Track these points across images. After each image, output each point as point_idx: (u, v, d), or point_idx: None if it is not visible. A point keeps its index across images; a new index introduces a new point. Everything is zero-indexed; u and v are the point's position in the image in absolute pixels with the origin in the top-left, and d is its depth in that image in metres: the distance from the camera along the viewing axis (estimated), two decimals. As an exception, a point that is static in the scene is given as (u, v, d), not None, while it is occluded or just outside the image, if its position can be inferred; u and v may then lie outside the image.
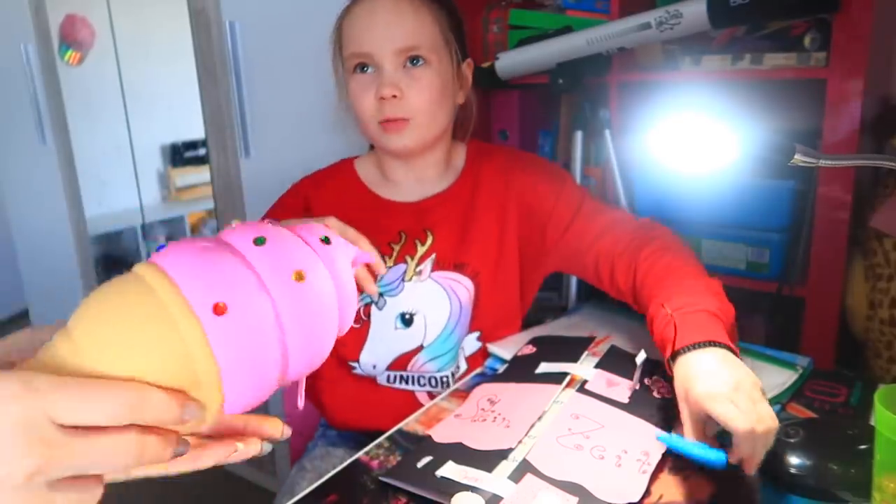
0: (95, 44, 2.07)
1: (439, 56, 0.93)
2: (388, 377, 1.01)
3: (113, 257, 2.43)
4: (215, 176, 1.83)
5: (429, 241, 0.99)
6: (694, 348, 0.70)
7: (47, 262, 2.48)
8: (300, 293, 0.39)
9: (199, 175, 1.97)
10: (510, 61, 1.39)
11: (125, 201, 2.28)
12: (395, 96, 0.90)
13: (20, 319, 3.09)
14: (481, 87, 1.49)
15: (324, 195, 1.01)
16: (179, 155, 2.25)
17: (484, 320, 1.02)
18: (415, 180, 1.01)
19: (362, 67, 0.92)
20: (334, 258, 0.43)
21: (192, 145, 2.20)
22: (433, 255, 0.99)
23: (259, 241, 0.39)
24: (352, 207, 0.99)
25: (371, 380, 1.01)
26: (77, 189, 2.26)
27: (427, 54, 0.91)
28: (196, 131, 1.84)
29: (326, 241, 0.43)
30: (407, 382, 1.01)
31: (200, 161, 1.90)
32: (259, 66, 1.63)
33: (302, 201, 1.01)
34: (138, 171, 2.19)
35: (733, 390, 0.64)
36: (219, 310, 0.36)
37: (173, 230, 2.45)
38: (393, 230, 0.99)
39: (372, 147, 1.06)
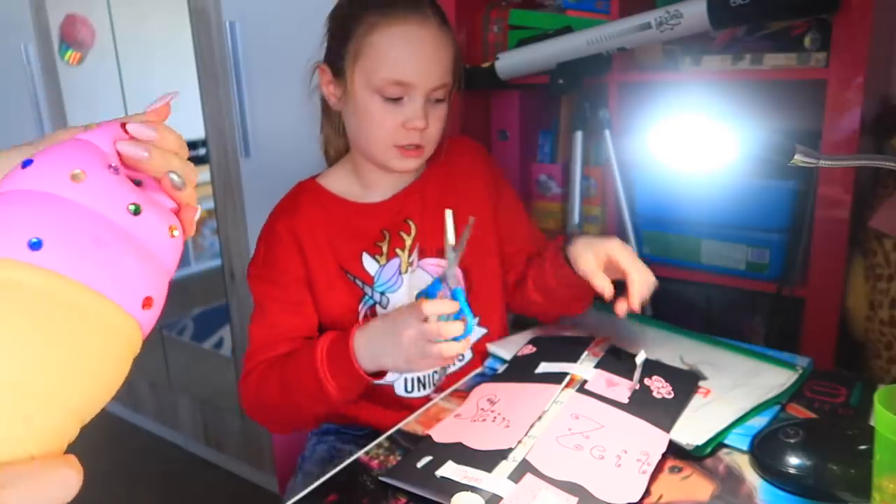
0: (95, 44, 2.07)
1: (453, 89, 0.96)
2: (406, 383, 1.01)
3: (113, 257, 2.42)
4: (215, 176, 1.83)
5: (413, 231, 1.00)
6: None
7: (47, 262, 2.48)
8: None
9: (199, 175, 1.97)
10: (510, 61, 1.39)
11: (125, 201, 2.27)
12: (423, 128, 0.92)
13: (20, 319, 3.08)
14: (481, 87, 1.50)
15: (303, 221, 0.97)
16: (179, 155, 2.25)
17: (478, 304, 1.03)
18: (391, 181, 1.01)
19: (390, 95, 0.90)
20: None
21: (192, 145, 2.20)
22: (417, 245, 1.00)
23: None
24: (331, 222, 0.98)
25: (389, 390, 1.01)
26: (77, 189, 2.26)
27: (448, 91, 0.94)
28: (196, 131, 1.84)
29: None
30: (425, 387, 1.02)
31: (200, 161, 1.90)
32: (259, 66, 1.63)
33: (293, 242, 0.97)
34: (138, 171, 2.18)
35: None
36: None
37: (173, 230, 2.44)
38: (375, 230, 0.99)
39: (331, 163, 1.07)
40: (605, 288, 0.85)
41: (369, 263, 0.98)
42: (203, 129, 1.81)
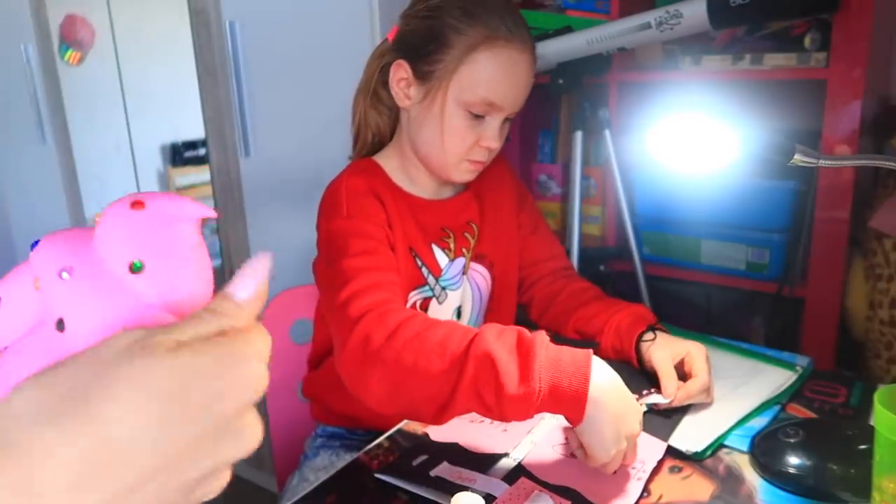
0: (95, 44, 2.07)
1: None
2: None
3: (113, 257, 2.43)
4: (215, 176, 1.83)
5: (476, 234, 1.01)
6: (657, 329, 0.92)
7: (47, 262, 2.48)
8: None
9: (199, 175, 1.97)
10: (510, 61, 1.38)
11: (125, 201, 2.27)
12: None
13: (20, 319, 3.09)
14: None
15: (379, 187, 0.93)
16: (179, 155, 2.25)
17: (496, 313, 1.04)
18: (437, 184, 0.99)
19: (476, 112, 0.89)
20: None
21: (192, 145, 2.20)
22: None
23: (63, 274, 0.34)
24: (396, 207, 0.94)
25: None
26: (77, 189, 2.26)
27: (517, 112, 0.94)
28: (196, 131, 1.84)
29: (138, 268, 0.33)
30: None
31: (200, 161, 1.90)
32: (259, 66, 1.63)
33: (376, 198, 0.91)
34: (138, 171, 2.19)
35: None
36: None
37: (173, 230, 2.44)
38: (436, 227, 0.98)
39: (363, 141, 1.02)
40: (670, 392, 0.81)
41: (440, 255, 0.97)
42: (203, 129, 1.81)
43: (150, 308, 0.33)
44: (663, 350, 0.86)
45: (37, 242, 0.35)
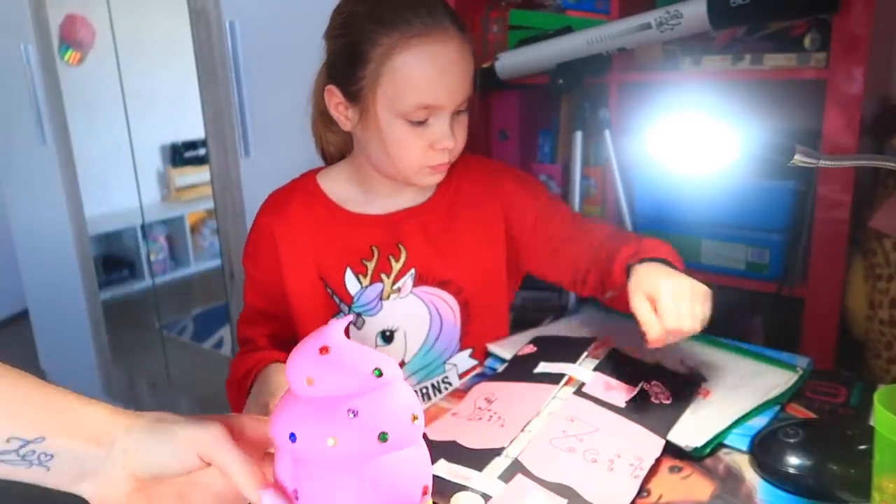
0: (95, 44, 2.07)
1: (473, 94, 0.89)
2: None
3: (113, 257, 2.43)
4: (215, 176, 1.83)
5: (403, 257, 0.95)
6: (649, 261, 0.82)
7: (47, 262, 2.48)
8: None
9: (199, 175, 1.97)
10: (510, 61, 1.39)
11: (125, 201, 2.28)
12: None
13: (20, 319, 3.09)
14: (481, 87, 1.50)
15: (285, 222, 0.94)
16: (179, 155, 2.25)
17: (476, 337, 1.01)
18: (393, 193, 0.96)
19: (415, 119, 0.84)
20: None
21: (192, 145, 2.20)
22: (412, 271, 0.95)
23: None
24: (319, 225, 0.94)
25: None
26: (77, 189, 2.26)
27: (470, 100, 0.88)
28: (196, 131, 1.84)
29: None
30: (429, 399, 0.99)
31: (200, 161, 1.90)
32: (259, 66, 1.63)
33: (270, 241, 0.95)
34: (138, 171, 2.19)
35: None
36: None
37: (173, 230, 2.45)
38: (364, 246, 0.94)
39: (331, 160, 1.02)
40: (652, 336, 0.75)
41: (351, 282, 0.94)
42: (203, 129, 1.81)
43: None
44: (638, 295, 0.77)
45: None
